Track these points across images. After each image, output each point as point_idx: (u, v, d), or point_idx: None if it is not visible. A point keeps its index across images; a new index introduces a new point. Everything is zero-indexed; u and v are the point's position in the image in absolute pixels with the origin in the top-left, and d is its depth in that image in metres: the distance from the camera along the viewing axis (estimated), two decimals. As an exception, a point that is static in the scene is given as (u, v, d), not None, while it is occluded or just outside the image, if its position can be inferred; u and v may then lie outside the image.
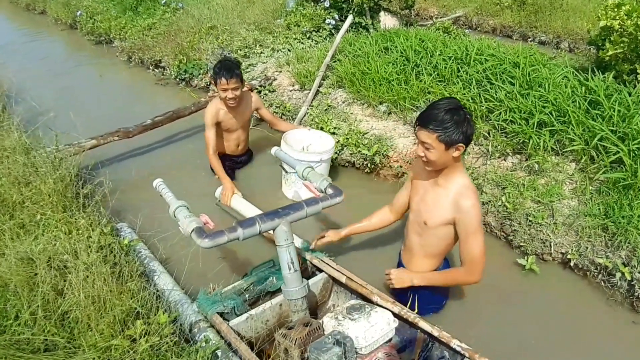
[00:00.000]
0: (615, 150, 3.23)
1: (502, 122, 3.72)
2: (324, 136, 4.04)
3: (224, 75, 3.68)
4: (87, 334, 2.08)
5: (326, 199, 2.52)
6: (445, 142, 2.18)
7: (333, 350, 1.96)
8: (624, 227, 2.97)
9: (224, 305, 2.36)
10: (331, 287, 2.72)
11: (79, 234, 2.75)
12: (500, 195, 3.44)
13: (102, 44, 9.12)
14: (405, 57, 4.79)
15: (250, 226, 2.21)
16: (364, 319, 2.11)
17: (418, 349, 2.30)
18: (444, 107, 2.17)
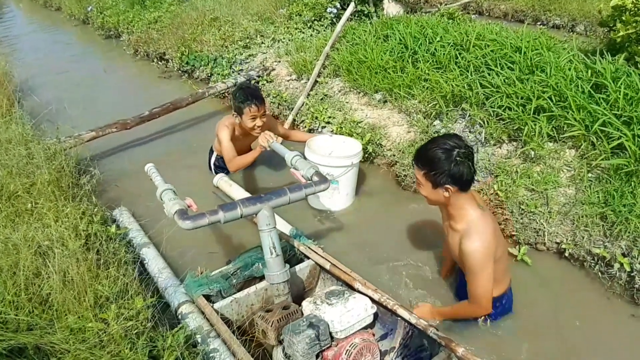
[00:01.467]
0: (618, 136, 3.04)
1: (498, 108, 3.54)
2: (347, 140, 3.80)
3: (255, 102, 3.49)
4: (63, 317, 2.14)
5: (310, 186, 2.54)
6: (432, 182, 2.16)
7: (306, 333, 2.00)
8: (624, 216, 2.78)
9: (210, 288, 2.43)
10: (318, 274, 2.74)
11: (64, 222, 2.83)
12: (493, 184, 3.27)
13: (112, 38, 9.35)
14: (404, 44, 4.62)
15: (231, 210, 2.23)
16: (341, 304, 2.14)
17: (399, 337, 2.32)
18: (438, 145, 2.12)
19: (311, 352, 2.02)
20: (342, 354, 2.05)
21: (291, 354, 2.06)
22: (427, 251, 3.16)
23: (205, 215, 2.18)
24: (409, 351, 2.29)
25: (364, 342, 2.09)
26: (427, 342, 2.19)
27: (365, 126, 4.16)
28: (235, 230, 3.34)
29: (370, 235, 3.37)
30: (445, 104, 3.85)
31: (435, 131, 3.75)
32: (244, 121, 3.55)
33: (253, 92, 3.55)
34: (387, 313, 2.35)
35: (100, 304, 2.26)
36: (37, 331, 2.05)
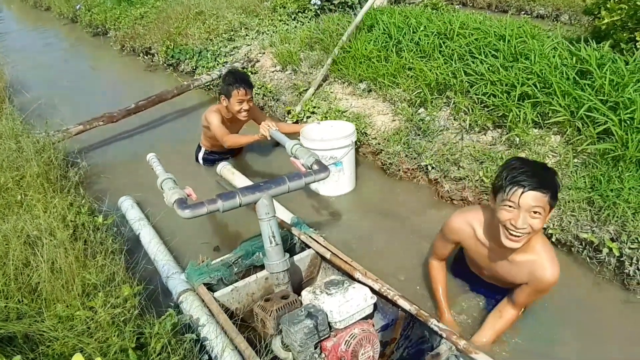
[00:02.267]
0: (604, 121, 3.00)
1: (482, 95, 3.50)
2: (335, 124, 3.74)
3: (243, 85, 3.54)
4: (52, 305, 2.16)
5: (310, 174, 2.47)
6: (554, 202, 1.92)
7: (304, 323, 1.98)
8: (611, 201, 2.74)
9: (211, 277, 2.41)
10: (320, 264, 2.70)
11: (52, 213, 2.86)
12: (478, 170, 3.22)
13: (99, 35, 9.43)
14: (388, 34, 4.58)
15: (230, 199, 2.19)
16: (340, 293, 2.10)
17: (399, 327, 2.28)
18: (538, 165, 1.94)
19: (309, 342, 2.00)
20: (341, 344, 2.02)
21: (289, 343, 2.04)
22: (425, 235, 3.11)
23: (204, 205, 2.14)
24: (410, 342, 2.24)
25: (364, 333, 2.05)
26: (428, 333, 2.14)
27: (350, 115, 4.11)
28: (237, 218, 3.30)
29: (369, 221, 3.36)
30: (429, 92, 3.80)
31: (420, 119, 3.70)
32: (231, 104, 3.57)
33: (242, 76, 3.59)
34: (388, 304, 2.30)
35: (88, 293, 2.27)
36: (26, 320, 2.07)
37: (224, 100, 3.63)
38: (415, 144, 3.63)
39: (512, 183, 1.89)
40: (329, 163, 3.40)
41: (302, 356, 2.01)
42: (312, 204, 3.58)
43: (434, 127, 3.64)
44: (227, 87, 3.54)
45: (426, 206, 3.44)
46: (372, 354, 2.07)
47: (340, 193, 3.65)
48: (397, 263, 2.90)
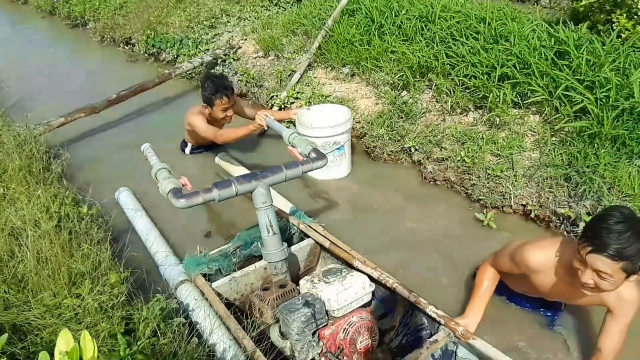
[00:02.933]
0: (580, 100, 3.07)
1: (464, 77, 3.55)
2: (324, 108, 3.76)
3: (225, 93, 3.44)
4: (39, 295, 2.15)
5: (307, 162, 2.44)
6: (630, 271, 1.73)
7: (301, 311, 1.99)
8: (588, 177, 2.82)
9: (209, 267, 2.39)
10: (319, 253, 2.69)
11: (36, 205, 2.85)
12: (460, 150, 3.29)
13: (78, 27, 9.22)
14: (370, 17, 4.60)
15: (226, 187, 2.16)
16: (338, 282, 2.12)
17: (398, 315, 2.27)
18: (628, 229, 1.68)
19: (307, 331, 2.01)
20: (339, 332, 2.02)
21: (287, 332, 2.05)
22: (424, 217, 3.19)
23: (199, 194, 2.11)
24: (409, 330, 2.24)
25: (362, 321, 2.06)
26: (426, 320, 2.15)
27: (334, 100, 4.14)
28: (234, 208, 3.31)
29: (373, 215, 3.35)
30: (412, 75, 3.85)
31: (402, 102, 3.75)
32: (215, 112, 3.51)
33: (222, 83, 3.48)
34: (387, 292, 2.31)
35: (74, 281, 2.27)
36: (13, 310, 2.06)
37: (206, 109, 3.55)
38: (399, 126, 3.68)
39: (584, 238, 1.78)
40: (332, 149, 3.42)
41: (299, 345, 2.02)
42: (315, 188, 3.60)
43: (417, 109, 3.69)
44: (209, 97, 3.45)
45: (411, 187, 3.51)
46: (370, 342, 2.08)
47: (341, 176, 3.68)
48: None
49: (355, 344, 2.03)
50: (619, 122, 2.92)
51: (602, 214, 1.77)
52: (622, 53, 3.27)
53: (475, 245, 2.89)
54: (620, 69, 3.18)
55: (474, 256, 2.78)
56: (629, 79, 3.04)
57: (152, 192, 3.16)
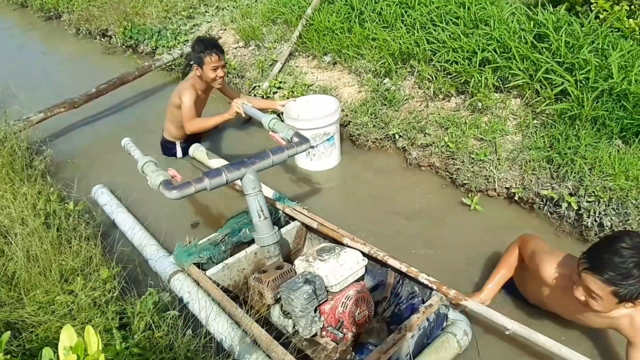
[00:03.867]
0: (561, 82, 3.12)
1: (445, 63, 3.58)
2: (310, 99, 3.79)
3: (215, 51, 3.41)
4: (31, 292, 2.18)
5: (292, 147, 2.49)
6: (621, 297, 1.70)
7: (303, 289, 2.09)
8: (569, 158, 2.88)
9: (200, 256, 2.44)
10: (305, 235, 2.80)
11: (22, 203, 2.85)
12: (444, 136, 3.32)
13: (52, 19, 9.02)
14: (350, 5, 4.59)
15: (216, 176, 2.20)
16: (333, 259, 2.24)
17: (389, 286, 2.41)
18: (631, 257, 1.64)
19: (309, 307, 2.10)
20: (338, 306, 2.14)
21: (290, 310, 2.13)
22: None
23: (191, 184, 2.13)
24: (401, 299, 2.34)
25: (358, 294, 2.18)
26: (417, 288, 2.25)
27: (316, 89, 4.13)
28: (217, 198, 3.34)
29: (351, 195, 3.44)
30: (393, 61, 3.86)
31: (385, 89, 3.76)
32: (205, 72, 3.47)
33: (212, 42, 3.49)
34: (376, 265, 2.42)
35: (66, 278, 2.29)
36: (6, 308, 2.08)
37: (197, 70, 3.52)
38: (382, 113, 3.70)
39: (586, 254, 1.78)
40: (322, 140, 3.44)
41: (303, 321, 2.10)
42: (306, 179, 3.61)
43: (400, 96, 3.71)
44: (199, 55, 3.42)
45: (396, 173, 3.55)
46: (367, 312, 2.20)
47: (331, 167, 3.69)
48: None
49: (354, 316, 2.15)
50: (599, 103, 2.98)
51: (612, 236, 1.75)
52: (601, 34, 3.32)
53: (462, 228, 2.95)
54: (599, 50, 3.23)
55: (463, 239, 2.84)
56: (607, 59, 3.10)
57: (136, 186, 3.17)
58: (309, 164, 3.66)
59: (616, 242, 1.69)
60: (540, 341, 1.94)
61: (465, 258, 2.71)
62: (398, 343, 1.89)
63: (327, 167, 3.67)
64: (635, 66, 3.01)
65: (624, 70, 3.04)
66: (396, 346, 1.88)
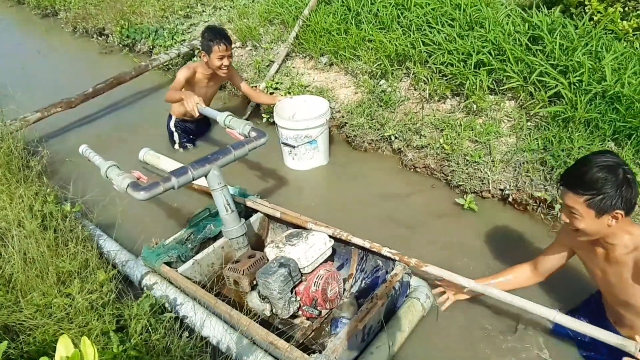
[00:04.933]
0: (554, 85, 3.15)
1: (441, 65, 3.60)
2: (308, 99, 3.86)
3: (224, 41, 3.56)
4: (28, 295, 2.18)
5: (251, 141, 2.58)
6: (597, 208, 1.71)
7: (279, 272, 2.21)
8: (563, 160, 2.91)
9: (169, 255, 2.50)
10: (268, 225, 2.93)
11: (18, 204, 2.85)
12: (439, 138, 3.35)
13: (49, 16, 9.03)
14: (347, 6, 4.60)
15: (183, 174, 2.27)
16: (302, 242, 2.38)
17: (354, 263, 2.58)
18: (598, 164, 1.68)
19: (286, 289, 2.22)
20: (311, 286, 2.28)
21: (267, 294, 2.23)
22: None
23: (159, 184, 2.18)
24: (366, 274, 2.52)
25: (328, 273, 2.33)
26: (381, 261, 2.43)
27: (313, 90, 4.16)
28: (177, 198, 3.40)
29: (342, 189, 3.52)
30: (389, 63, 3.88)
31: (381, 91, 3.79)
32: (212, 60, 3.61)
33: (221, 32, 3.61)
34: (340, 246, 2.60)
35: (63, 281, 2.31)
36: (3, 311, 2.09)
37: (204, 57, 3.65)
38: (378, 115, 3.73)
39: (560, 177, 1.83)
40: (304, 142, 3.50)
41: (281, 303, 2.22)
42: (287, 178, 3.66)
43: (395, 98, 3.73)
44: (207, 42, 3.56)
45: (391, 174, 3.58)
46: (338, 289, 2.38)
47: (315, 166, 3.73)
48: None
49: (326, 293, 2.30)
50: (592, 105, 3.00)
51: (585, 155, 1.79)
52: (594, 36, 3.35)
53: (456, 227, 2.98)
54: (592, 52, 3.26)
55: (456, 238, 2.87)
56: (600, 62, 3.13)
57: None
58: (291, 163, 3.74)
59: (585, 157, 1.76)
60: (495, 294, 2.10)
61: (460, 256, 2.75)
62: (371, 311, 2.03)
63: (310, 167, 3.72)
64: (629, 69, 3.04)
65: (617, 73, 3.07)
66: (370, 314, 2.02)
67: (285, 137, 3.58)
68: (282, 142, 3.63)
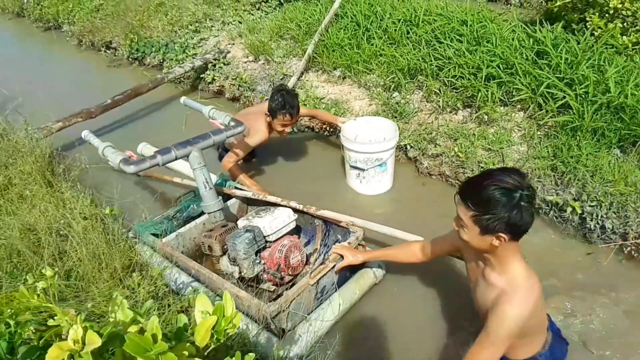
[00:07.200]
0: (562, 96, 3.37)
1: (452, 78, 3.82)
2: (371, 120, 3.78)
3: (291, 112, 3.44)
4: (90, 287, 2.38)
5: (230, 129, 2.94)
6: (482, 226, 1.67)
7: (244, 235, 2.51)
8: (572, 166, 3.12)
9: (156, 228, 2.83)
10: (246, 209, 3.28)
11: (65, 207, 3.02)
12: (453, 146, 3.55)
13: (51, 29, 9.03)
14: (356, 22, 4.83)
15: (167, 153, 2.60)
16: (268, 215, 2.71)
17: (319, 239, 2.94)
18: (496, 183, 1.61)
19: (251, 251, 2.51)
20: (275, 252, 2.58)
21: (235, 256, 2.51)
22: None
23: (146, 160, 2.52)
24: (328, 248, 2.84)
25: (291, 242, 2.64)
26: (340, 236, 2.79)
27: (328, 102, 4.34)
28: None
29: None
30: (402, 76, 4.09)
31: (395, 102, 3.99)
32: (274, 124, 3.54)
33: (292, 101, 3.45)
34: (307, 224, 2.99)
35: (120, 277, 2.48)
36: (71, 302, 2.26)
37: (267, 117, 3.54)
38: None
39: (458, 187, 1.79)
40: (374, 165, 3.45)
41: (246, 263, 2.50)
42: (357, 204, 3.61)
43: (409, 109, 3.94)
44: (275, 109, 3.43)
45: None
46: (300, 258, 2.68)
47: (380, 192, 3.65)
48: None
49: (289, 260, 2.60)
50: (598, 115, 3.23)
51: (487, 170, 1.76)
52: (597, 51, 3.60)
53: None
54: (595, 66, 3.50)
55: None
56: (604, 75, 3.37)
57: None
58: (358, 186, 3.65)
59: (489, 171, 1.70)
60: (375, 229, 2.67)
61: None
62: (322, 270, 2.38)
63: (378, 192, 3.64)
64: (630, 81, 3.28)
65: (619, 85, 3.30)
66: (321, 273, 2.37)
67: (354, 160, 3.48)
68: (350, 165, 3.54)
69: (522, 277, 1.75)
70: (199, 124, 4.60)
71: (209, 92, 5.53)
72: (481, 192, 1.64)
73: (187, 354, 1.03)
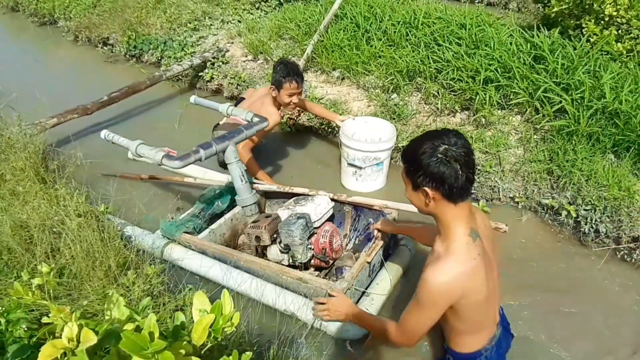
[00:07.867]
0: (558, 101, 3.40)
1: (450, 80, 3.84)
2: (369, 120, 3.79)
3: (296, 78, 3.43)
4: (83, 285, 2.35)
5: (257, 124, 2.99)
6: (412, 181, 1.69)
7: (299, 222, 2.56)
8: (568, 170, 3.15)
9: (187, 227, 2.82)
10: (264, 203, 3.30)
11: (59, 203, 2.97)
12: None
13: (47, 25, 8.93)
14: (355, 23, 4.84)
15: (208, 148, 2.64)
16: (310, 202, 2.78)
17: (348, 224, 3.01)
18: (428, 139, 1.62)
19: (305, 236, 2.57)
20: (320, 238, 2.65)
21: (289, 242, 2.56)
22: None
23: (190, 154, 2.54)
24: (358, 233, 2.96)
25: (332, 228, 2.73)
26: (372, 219, 2.84)
27: (327, 102, 4.35)
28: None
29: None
30: (401, 78, 4.10)
31: (394, 104, 4.00)
32: (281, 96, 3.49)
33: (295, 69, 3.48)
34: (335, 211, 2.99)
35: (114, 276, 2.46)
36: (64, 300, 2.24)
37: (272, 91, 3.51)
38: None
39: None
40: (371, 163, 3.49)
41: (300, 249, 2.56)
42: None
43: (407, 111, 3.95)
44: (279, 78, 3.43)
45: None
46: (340, 242, 2.77)
47: (378, 188, 3.69)
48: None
49: (332, 244, 2.66)
50: (593, 120, 3.26)
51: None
52: (592, 57, 3.62)
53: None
54: (591, 71, 3.53)
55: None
56: (599, 81, 3.39)
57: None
58: (353, 184, 3.67)
59: (432, 131, 1.70)
60: (405, 208, 2.61)
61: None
62: (375, 249, 2.49)
63: (372, 189, 3.67)
64: (625, 87, 3.31)
65: (614, 91, 3.33)
66: (374, 251, 2.48)
67: (352, 158, 3.51)
68: (348, 162, 3.57)
69: (457, 248, 1.67)
70: (192, 123, 4.69)
71: (207, 90, 5.51)
72: (410, 145, 1.69)
73: (183, 352, 1.03)
